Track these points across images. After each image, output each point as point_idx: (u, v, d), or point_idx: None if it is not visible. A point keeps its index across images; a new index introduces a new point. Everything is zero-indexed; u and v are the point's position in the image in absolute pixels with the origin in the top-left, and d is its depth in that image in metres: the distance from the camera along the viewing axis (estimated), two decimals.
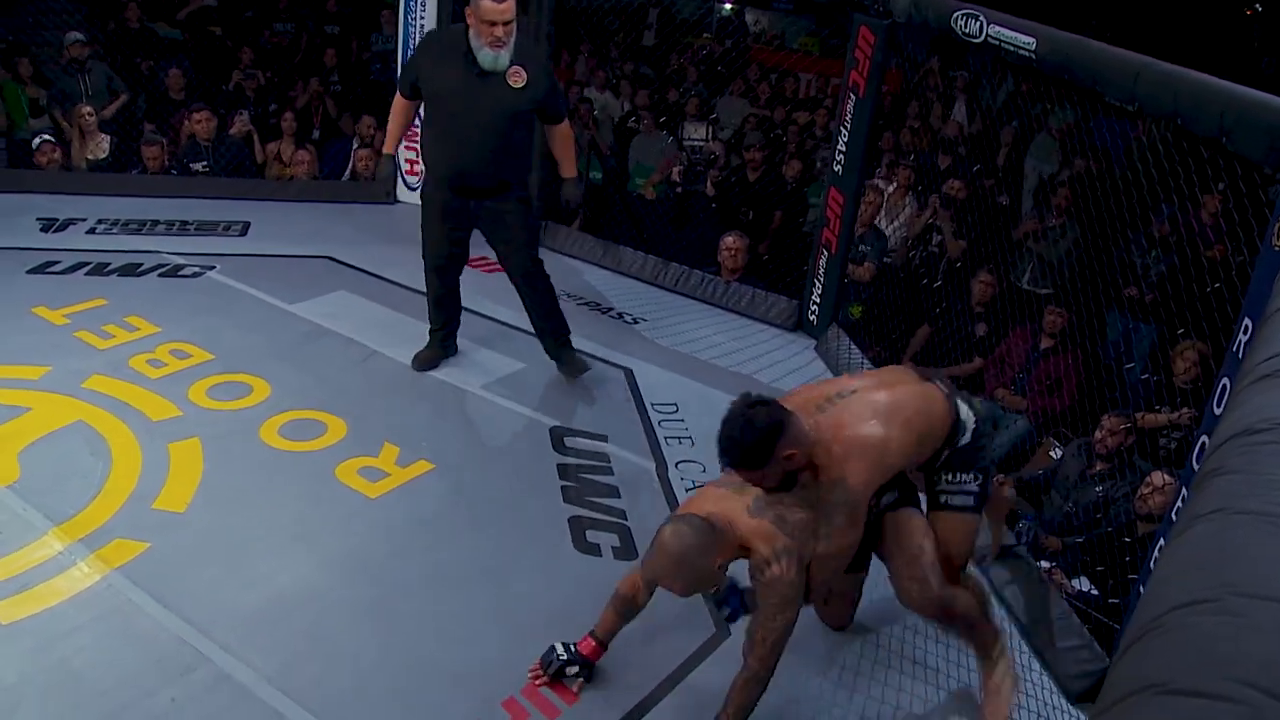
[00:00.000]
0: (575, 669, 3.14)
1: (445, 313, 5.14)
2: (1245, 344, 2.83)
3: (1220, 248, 5.33)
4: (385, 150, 4.87)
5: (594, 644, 3.16)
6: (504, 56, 4.34)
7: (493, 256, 4.92)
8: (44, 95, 7.52)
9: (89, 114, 7.29)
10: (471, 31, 4.33)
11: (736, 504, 2.80)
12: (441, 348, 5.18)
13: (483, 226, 4.78)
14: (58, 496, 3.76)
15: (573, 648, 3.16)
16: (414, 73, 4.57)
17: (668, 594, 3.09)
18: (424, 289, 5.05)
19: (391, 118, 4.79)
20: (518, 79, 4.41)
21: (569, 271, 6.82)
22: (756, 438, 2.64)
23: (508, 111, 4.45)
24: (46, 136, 7.16)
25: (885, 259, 6.69)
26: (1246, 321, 2.87)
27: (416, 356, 5.12)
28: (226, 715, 2.92)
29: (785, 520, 2.73)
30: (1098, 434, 4.67)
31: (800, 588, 2.74)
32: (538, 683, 3.14)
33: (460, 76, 4.39)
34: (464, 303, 5.72)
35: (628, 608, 3.15)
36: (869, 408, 2.83)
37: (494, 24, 4.25)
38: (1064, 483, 4.84)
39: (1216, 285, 4.39)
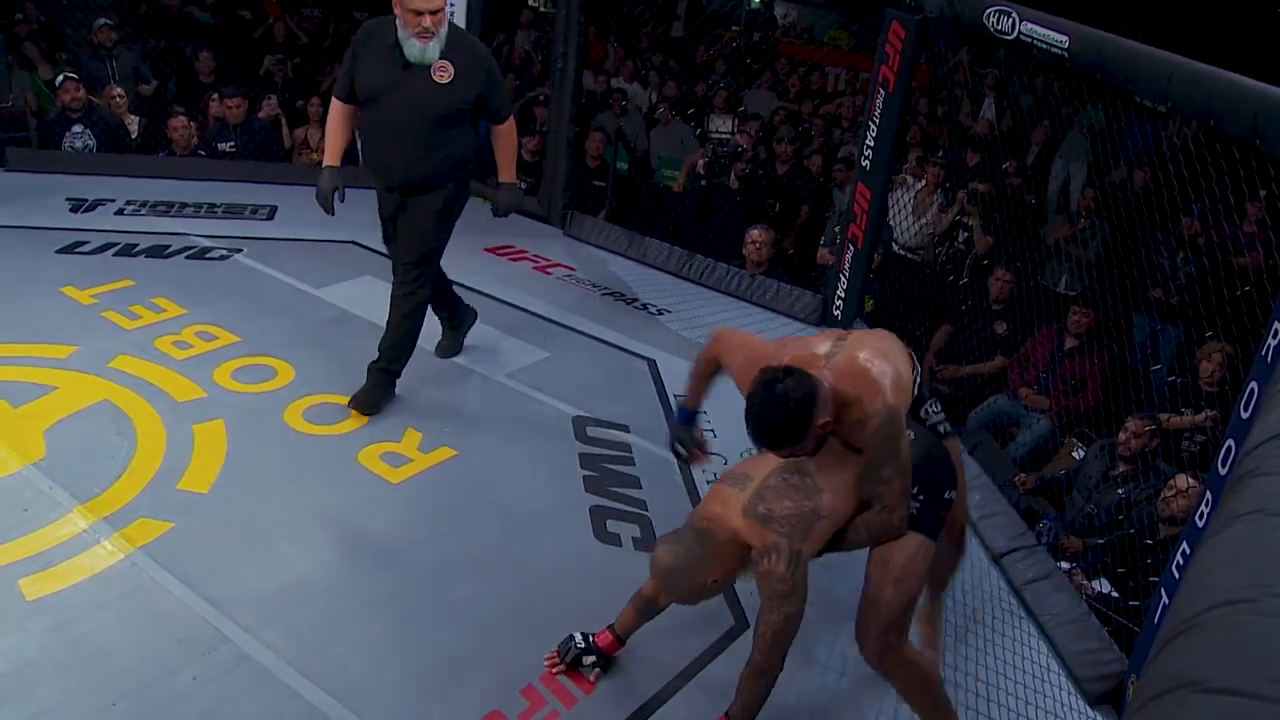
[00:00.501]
0: (592, 659, 3.14)
1: (442, 308, 4.99)
2: (1275, 348, 2.81)
3: (1256, 255, 5.28)
4: (325, 162, 4.36)
5: (611, 638, 3.16)
6: (432, 49, 4.02)
7: (519, 245, 4.90)
8: (57, 71, 7.53)
9: (120, 96, 7.33)
10: (399, 22, 4.01)
11: (735, 503, 2.74)
12: (453, 333, 5.10)
13: (396, 220, 4.42)
14: (83, 475, 3.78)
15: (590, 639, 3.16)
16: (350, 70, 4.20)
17: None
18: (449, 275, 5.01)
19: (328, 125, 4.37)
20: (443, 74, 4.07)
21: (594, 261, 6.83)
22: (794, 412, 2.52)
23: (432, 109, 4.10)
24: (69, 74, 7.19)
25: (894, 249, 6.65)
26: (1277, 325, 2.85)
27: (439, 345, 5.07)
28: (246, 695, 2.93)
29: (772, 517, 2.67)
30: (1122, 436, 4.64)
31: (799, 585, 2.67)
32: (554, 670, 3.15)
33: (387, 71, 4.08)
34: (488, 290, 5.75)
35: (648, 607, 3.14)
36: (868, 351, 2.74)
37: (420, 13, 3.93)
38: (1086, 483, 4.82)
39: (1246, 289, 4.35)
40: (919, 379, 2.92)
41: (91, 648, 3.02)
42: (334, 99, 4.31)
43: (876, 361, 2.71)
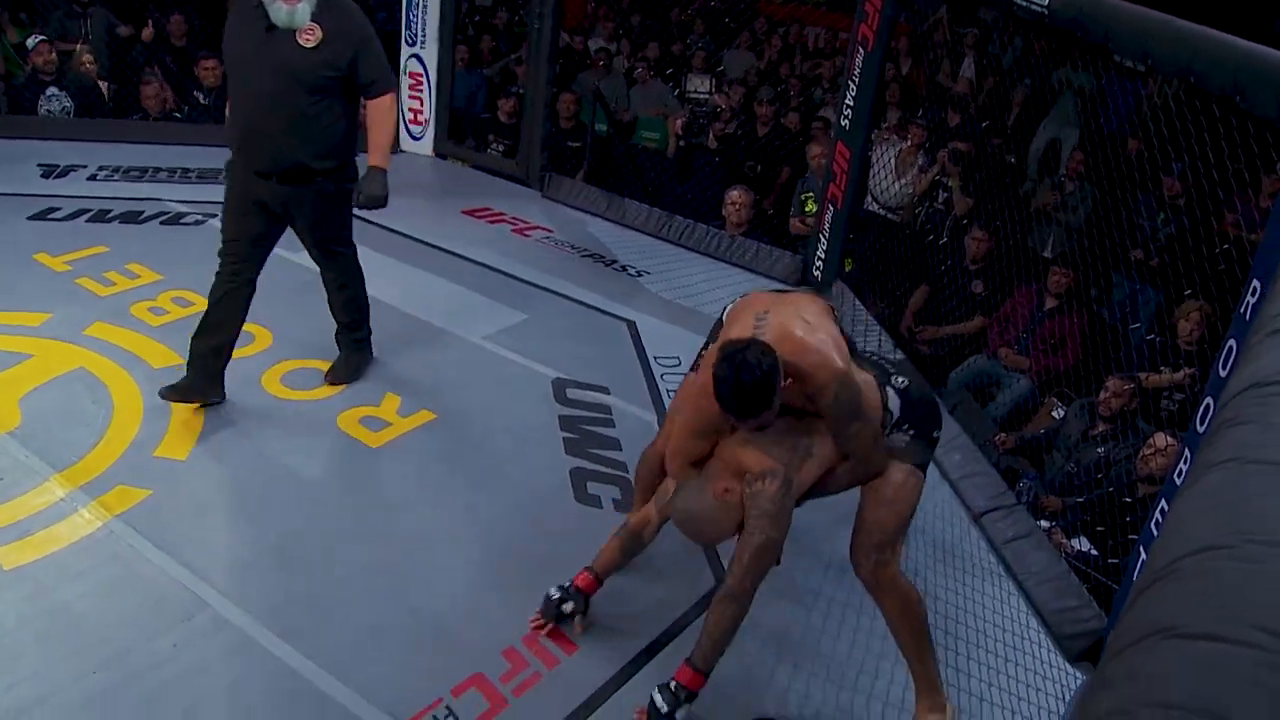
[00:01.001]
0: (570, 605, 3.14)
1: (214, 336, 3.98)
2: (1253, 306, 2.81)
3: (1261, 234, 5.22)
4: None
5: (590, 577, 3.16)
6: (301, 10, 3.58)
7: (497, 207, 4.82)
8: (24, 34, 7.39)
9: (89, 62, 7.22)
10: None
11: (736, 439, 2.83)
12: (204, 379, 4.03)
13: (288, 214, 3.98)
14: (59, 443, 3.75)
15: (567, 584, 3.16)
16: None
17: (667, 542, 3.14)
18: (427, 238, 4.96)
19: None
20: (310, 37, 3.61)
21: (573, 222, 6.80)
22: (761, 378, 2.57)
23: (300, 78, 3.64)
24: (42, 37, 7.08)
25: (873, 209, 6.63)
26: (1255, 283, 2.85)
27: (173, 387, 3.98)
28: (227, 660, 2.92)
29: (778, 444, 2.78)
30: (1102, 395, 4.65)
31: (784, 512, 2.75)
32: (540, 631, 3.15)
33: (250, 34, 3.65)
34: (466, 253, 5.64)
35: (633, 543, 3.16)
36: (799, 325, 2.78)
37: None
38: (1065, 442, 4.84)
39: (1225, 247, 4.36)
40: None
41: (70, 616, 3.00)
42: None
43: (814, 334, 2.76)
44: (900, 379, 2.92)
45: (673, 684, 2.79)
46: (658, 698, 2.78)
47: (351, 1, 3.81)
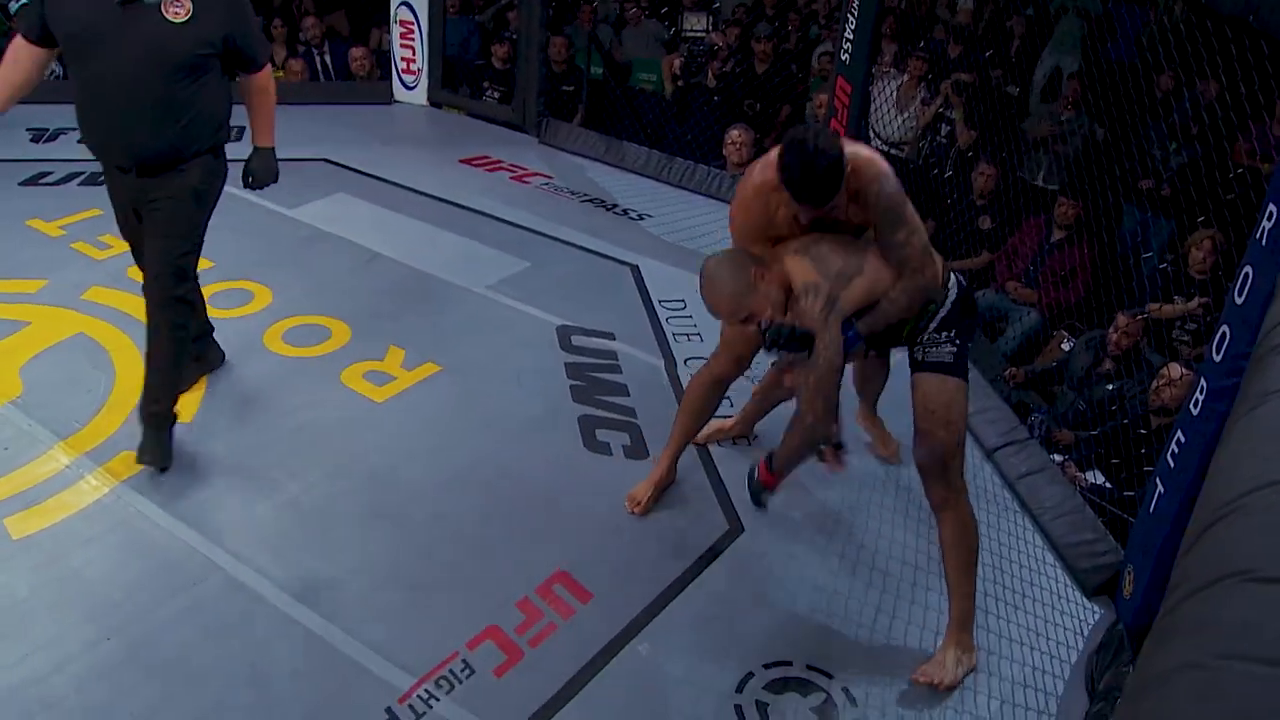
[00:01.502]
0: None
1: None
2: (1270, 231, 2.74)
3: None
4: None
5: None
6: None
7: (494, 155, 4.70)
8: None
9: None
10: None
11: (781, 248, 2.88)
12: (195, 364, 3.83)
13: (143, 214, 3.44)
14: (62, 410, 3.72)
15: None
16: (41, 6, 3.18)
17: (681, 489, 3.10)
18: (425, 189, 4.86)
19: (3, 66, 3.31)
20: (179, 10, 3.12)
21: (572, 168, 6.71)
22: (835, 159, 2.62)
23: (169, 58, 3.14)
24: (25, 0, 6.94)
25: (875, 144, 6.54)
26: (1271, 208, 2.77)
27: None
28: (239, 623, 2.91)
29: (823, 260, 2.79)
30: (1112, 334, 4.59)
31: (832, 328, 2.74)
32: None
33: (97, 7, 3.09)
34: (465, 202, 5.56)
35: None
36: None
37: None
38: (1076, 374, 4.79)
39: (1240, 171, 4.27)
40: None
41: (81, 583, 2.98)
42: (16, 38, 3.27)
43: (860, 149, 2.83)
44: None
45: (755, 473, 3.11)
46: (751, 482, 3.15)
47: None
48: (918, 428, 2.97)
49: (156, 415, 3.43)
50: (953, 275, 2.99)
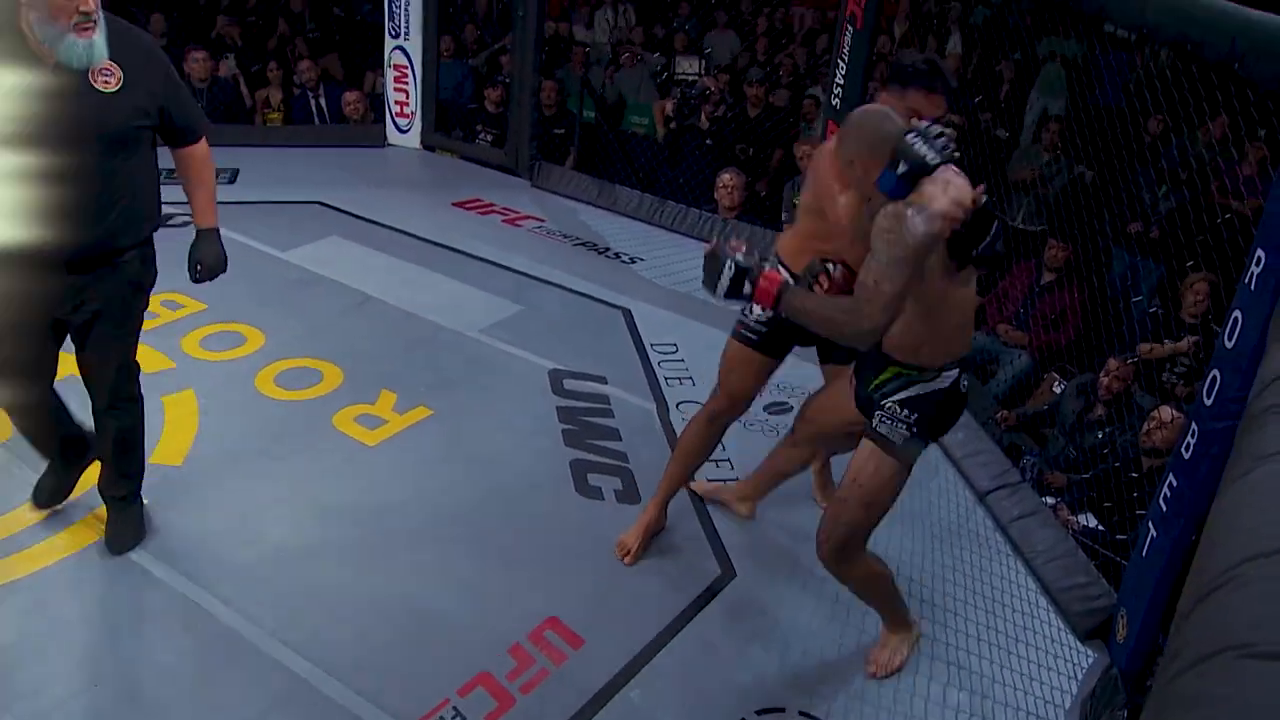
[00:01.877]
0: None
1: (53, 444, 3.37)
2: (1258, 276, 2.76)
3: (1253, 201, 5.15)
4: None
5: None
6: (99, 44, 2.70)
7: (487, 198, 4.72)
8: None
9: None
10: (34, 15, 2.62)
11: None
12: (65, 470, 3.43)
13: (71, 319, 3.01)
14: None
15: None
16: None
17: (672, 536, 3.07)
18: (417, 231, 4.89)
19: None
20: (108, 79, 2.75)
21: (564, 211, 6.74)
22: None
23: (102, 133, 2.78)
24: None
25: None
26: (1260, 253, 2.80)
27: (38, 487, 3.43)
28: (229, 669, 2.88)
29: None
30: (1103, 378, 4.61)
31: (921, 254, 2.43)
32: None
33: (16, 81, 2.66)
34: (457, 245, 5.57)
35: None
36: None
37: None
38: (1067, 420, 4.80)
39: (1228, 216, 4.31)
40: None
41: (69, 629, 2.95)
42: None
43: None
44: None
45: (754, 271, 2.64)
46: (740, 258, 2.64)
47: (137, 27, 2.98)
48: (840, 487, 2.86)
49: (126, 500, 3.32)
50: (960, 374, 2.74)
